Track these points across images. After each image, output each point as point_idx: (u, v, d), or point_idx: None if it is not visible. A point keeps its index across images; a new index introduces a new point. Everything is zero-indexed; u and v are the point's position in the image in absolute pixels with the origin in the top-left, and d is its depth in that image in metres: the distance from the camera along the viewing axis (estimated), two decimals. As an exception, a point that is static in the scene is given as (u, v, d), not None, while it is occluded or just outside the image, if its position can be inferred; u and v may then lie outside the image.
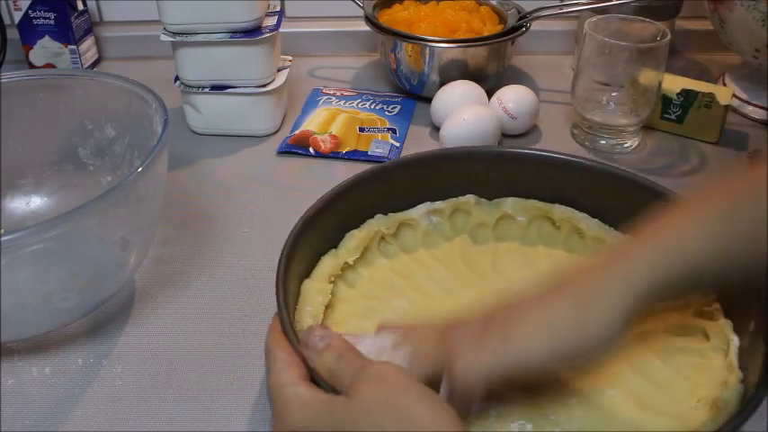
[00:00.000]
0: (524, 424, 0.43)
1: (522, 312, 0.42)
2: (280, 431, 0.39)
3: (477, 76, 0.84)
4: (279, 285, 0.48)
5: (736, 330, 0.48)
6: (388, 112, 0.86)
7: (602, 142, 0.78)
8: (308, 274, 0.54)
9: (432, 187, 0.61)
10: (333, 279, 0.55)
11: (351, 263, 0.56)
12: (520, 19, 0.87)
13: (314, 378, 0.41)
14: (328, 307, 0.53)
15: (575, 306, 0.40)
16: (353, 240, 0.57)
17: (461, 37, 0.84)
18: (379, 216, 0.59)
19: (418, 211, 0.61)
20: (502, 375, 0.41)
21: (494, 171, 0.61)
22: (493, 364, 0.40)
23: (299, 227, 0.53)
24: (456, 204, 0.61)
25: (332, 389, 0.40)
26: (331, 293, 0.53)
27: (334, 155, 0.78)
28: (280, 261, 0.50)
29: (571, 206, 0.60)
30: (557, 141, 0.80)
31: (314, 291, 0.53)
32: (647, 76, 0.74)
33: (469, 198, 0.61)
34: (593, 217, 0.59)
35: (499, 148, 0.67)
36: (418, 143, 0.80)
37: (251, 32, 0.75)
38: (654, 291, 0.41)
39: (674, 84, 0.79)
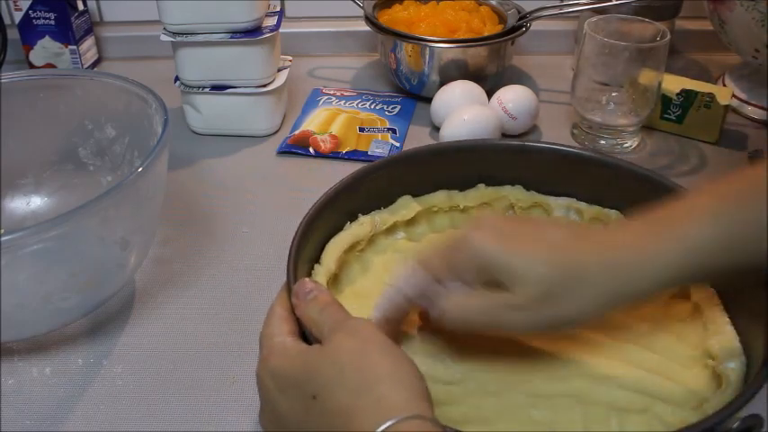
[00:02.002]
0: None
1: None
2: (259, 373, 0.41)
3: (477, 76, 0.84)
4: (293, 246, 0.47)
5: (734, 312, 0.48)
6: (388, 112, 0.86)
7: (602, 142, 0.78)
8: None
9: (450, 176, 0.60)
10: (362, 247, 0.54)
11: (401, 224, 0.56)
12: (520, 19, 0.87)
13: (304, 335, 0.42)
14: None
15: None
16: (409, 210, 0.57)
17: (461, 37, 0.84)
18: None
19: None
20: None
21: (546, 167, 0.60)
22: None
23: (331, 193, 0.53)
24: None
25: (315, 340, 0.41)
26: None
27: (334, 155, 0.78)
28: (301, 223, 0.49)
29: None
30: (556, 141, 0.80)
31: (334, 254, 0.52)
32: (646, 76, 0.74)
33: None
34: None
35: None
36: (418, 143, 0.80)
37: (251, 32, 0.75)
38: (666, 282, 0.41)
39: (674, 84, 0.79)
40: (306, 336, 0.42)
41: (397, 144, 0.80)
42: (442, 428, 0.35)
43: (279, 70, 0.81)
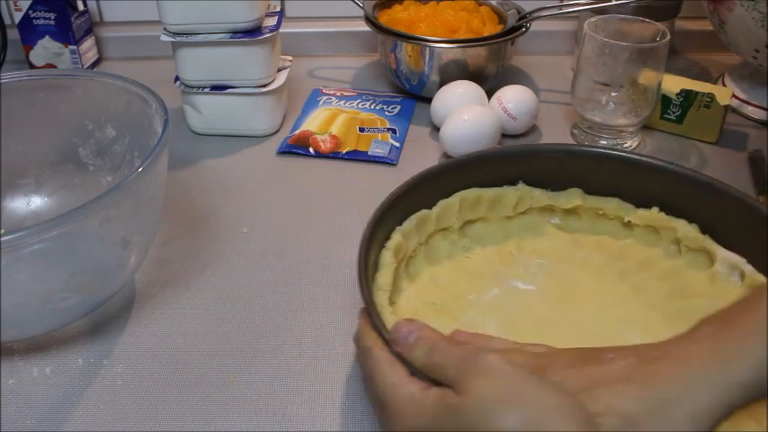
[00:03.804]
0: None
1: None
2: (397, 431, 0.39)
3: (477, 76, 0.84)
4: (362, 278, 0.47)
5: None
6: (388, 112, 0.86)
7: (602, 142, 0.78)
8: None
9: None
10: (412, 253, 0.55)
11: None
12: (520, 19, 0.87)
13: (414, 371, 0.41)
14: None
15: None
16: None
17: (461, 37, 0.84)
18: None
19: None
20: None
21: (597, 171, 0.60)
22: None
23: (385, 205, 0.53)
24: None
25: (433, 380, 0.39)
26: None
27: (334, 155, 0.78)
28: (360, 249, 0.49)
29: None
30: (557, 142, 0.80)
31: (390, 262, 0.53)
32: (646, 77, 0.74)
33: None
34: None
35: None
36: (418, 143, 0.80)
37: (251, 32, 0.75)
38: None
39: (674, 84, 0.79)
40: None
41: (397, 144, 0.80)
42: None
43: (279, 70, 0.81)
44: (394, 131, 0.82)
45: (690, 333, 0.40)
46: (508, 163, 0.61)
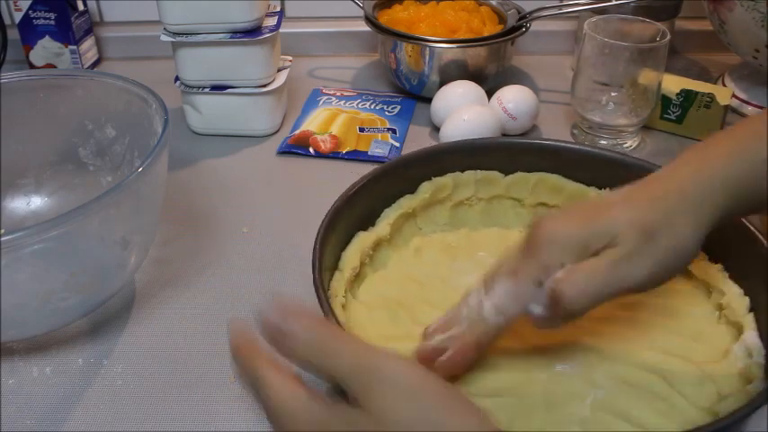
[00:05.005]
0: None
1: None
2: None
3: (477, 76, 0.84)
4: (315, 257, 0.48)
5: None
6: (388, 112, 0.86)
7: (602, 142, 0.78)
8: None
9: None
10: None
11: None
12: (520, 19, 0.87)
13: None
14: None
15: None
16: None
17: (461, 37, 0.84)
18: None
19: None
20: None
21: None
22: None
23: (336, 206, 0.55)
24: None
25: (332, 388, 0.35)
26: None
27: (334, 155, 0.78)
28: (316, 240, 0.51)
29: None
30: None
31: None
32: (646, 77, 0.74)
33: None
34: None
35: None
36: (418, 143, 0.80)
37: (251, 32, 0.75)
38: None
39: (674, 84, 0.79)
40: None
41: (397, 144, 0.80)
42: None
43: (279, 70, 0.81)
44: (394, 131, 0.82)
45: (675, 160, 0.43)
46: (458, 156, 0.62)
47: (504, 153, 0.62)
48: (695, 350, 0.47)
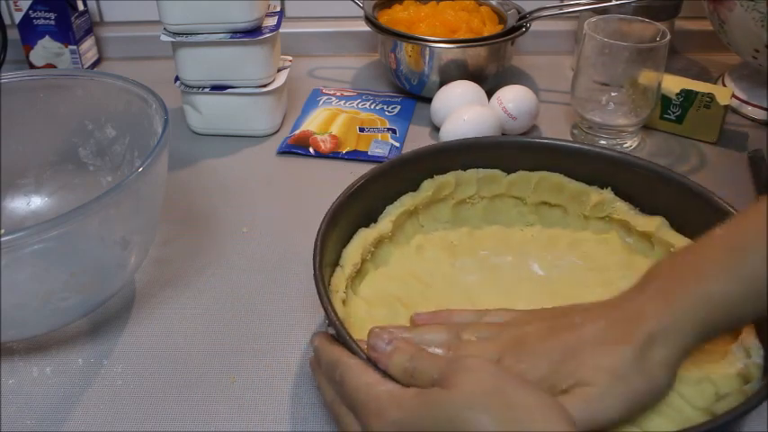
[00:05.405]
0: None
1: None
2: (378, 431, 0.39)
3: (476, 76, 0.84)
4: (319, 285, 0.48)
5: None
6: (388, 112, 0.86)
7: (602, 142, 0.78)
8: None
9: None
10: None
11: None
12: (520, 19, 0.87)
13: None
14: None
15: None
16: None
17: (461, 37, 0.84)
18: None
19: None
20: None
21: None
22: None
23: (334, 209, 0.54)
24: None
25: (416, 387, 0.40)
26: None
27: (334, 155, 0.78)
28: (314, 256, 0.51)
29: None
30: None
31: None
32: (646, 77, 0.74)
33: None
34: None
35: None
36: (418, 143, 0.80)
37: (251, 32, 0.75)
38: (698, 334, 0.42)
39: (674, 84, 0.79)
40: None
41: (397, 144, 0.80)
42: None
43: (279, 70, 0.81)
44: (394, 131, 0.82)
45: (640, 287, 0.44)
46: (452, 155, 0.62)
47: (504, 152, 0.62)
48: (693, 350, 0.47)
